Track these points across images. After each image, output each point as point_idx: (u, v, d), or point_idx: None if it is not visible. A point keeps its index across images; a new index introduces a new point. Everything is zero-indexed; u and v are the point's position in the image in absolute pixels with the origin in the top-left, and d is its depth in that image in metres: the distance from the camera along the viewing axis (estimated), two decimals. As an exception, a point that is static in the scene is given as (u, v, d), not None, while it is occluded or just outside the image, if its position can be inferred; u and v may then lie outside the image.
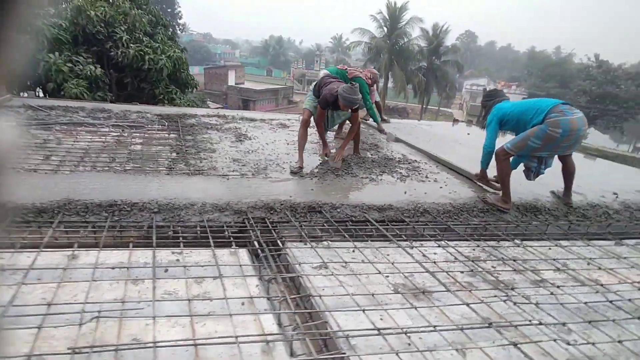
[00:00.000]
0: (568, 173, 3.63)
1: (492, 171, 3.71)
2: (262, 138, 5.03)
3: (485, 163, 3.68)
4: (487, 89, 4.74)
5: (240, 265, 2.24)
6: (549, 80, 42.81)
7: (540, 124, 3.25)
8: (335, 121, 4.59)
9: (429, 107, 33.45)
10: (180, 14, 38.76)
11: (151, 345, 1.60)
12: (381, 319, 1.92)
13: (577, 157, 4.02)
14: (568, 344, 1.83)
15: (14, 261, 2.09)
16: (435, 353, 1.74)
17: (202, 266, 2.21)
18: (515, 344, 1.80)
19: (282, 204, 2.99)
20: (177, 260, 2.26)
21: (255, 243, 2.48)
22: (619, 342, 1.89)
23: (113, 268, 2.12)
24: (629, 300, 2.27)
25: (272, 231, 2.67)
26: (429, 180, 3.88)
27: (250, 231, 2.63)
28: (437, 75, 31.52)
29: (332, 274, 2.24)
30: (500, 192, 3.51)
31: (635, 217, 3.56)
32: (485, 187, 3.83)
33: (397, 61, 27.82)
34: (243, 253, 2.41)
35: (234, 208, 2.87)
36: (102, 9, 7.91)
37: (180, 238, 2.47)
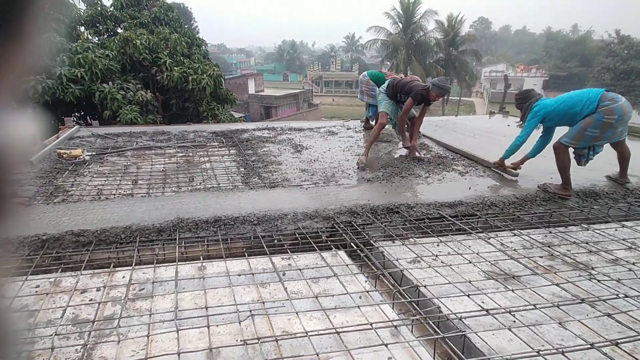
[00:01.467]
0: (624, 159, 3.79)
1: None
2: (317, 147, 5.36)
3: (509, 153, 3.99)
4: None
5: (347, 265, 2.56)
6: (570, 59, 41.66)
7: (594, 114, 3.44)
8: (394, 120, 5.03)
9: (450, 97, 33.17)
10: (197, 29, 39.88)
11: (304, 334, 1.92)
12: (482, 302, 2.19)
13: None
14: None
15: (158, 275, 2.47)
16: (540, 327, 1.99)
17: (313, 268, 2.53)
18: (608, 315, 2.04)
19: (363, 208, 3.29)
20: (290, 264, 2.60)
21: (353, 245, 2.79)
22: None
23: (239, 275, 2.47)
24: None
25: (362, 233, 2.98)
26: (487, 176, 4.10)
27: (344, 234, 2.94)
28: (456, 65, 31.24)
29: (429, 266, 2.53)
30: (556, 182, 3.71)
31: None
32: (503, 174, 4.12)
33: (415, 56, 27.78)
34: (343, 254, 2.73)
35: (322, 215, 3.19)
36: (145, 36, 8.47)
37: (285, 245, 2.81)
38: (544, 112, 3.71)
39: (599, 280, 2.38)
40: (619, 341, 1.85)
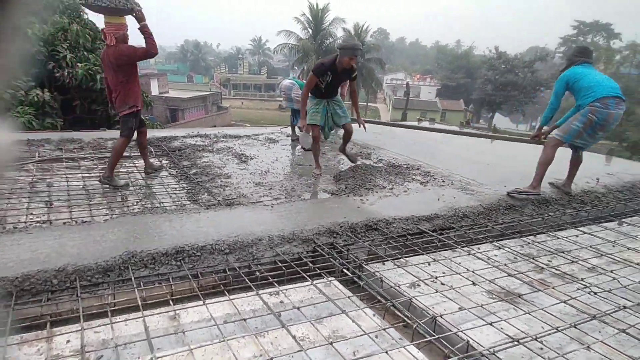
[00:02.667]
0: (576, 164, 4.08)
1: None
2: (263, 157, 4.90)
3: (545, 119, 4.00)
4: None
5: (348, 297, 2.23)
6: (457, 71, 47.20)
7: (584, 108, 3.62)
8: (335, 121, 4.35)
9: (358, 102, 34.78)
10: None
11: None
12: (502, 329, 2.06)
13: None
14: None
15: (118, 332, 1.84)
16: (568, 352, 1.93)
17: (312, 304, 2.15)
18: (623, 331, 2.08)
19: (341, 226, 2.99)
20: (282, 301, 2.17)
21: (346, 272, 2.47)
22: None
23: (226, 322, 1.97)
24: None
25: (349, 255, 2.68)
26: (447, 185, 4.15)
27: (331, 259, 2.61)
28: (363, 72, 32.96)
29: (435, 291, 2.34)
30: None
31: (617, 198, 4.20)
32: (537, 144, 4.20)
33: (326, 61, 28.46)
34: (337, 283, 2.39)
35: (301, 237, 2.80)
36: (37, 26, 6.89)
37: (270, 277, 2.36)
38: (567, 79, 3.74)
39: (595, 293, 2.44)
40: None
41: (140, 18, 3.61)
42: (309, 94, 4.17)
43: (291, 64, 33.74)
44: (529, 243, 3.08)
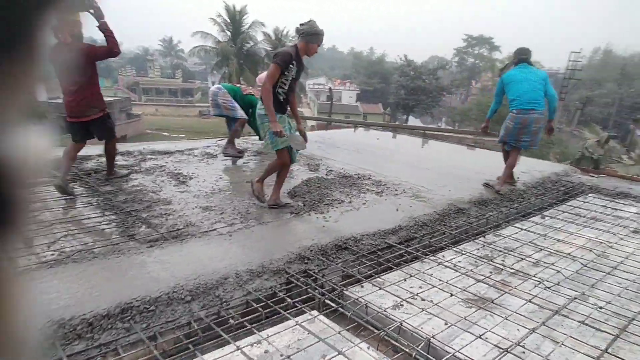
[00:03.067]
0: (506, 165, 4.62)
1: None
2: (204, 175, 4.47)
3: (490, 112, 4.86)
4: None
5: (339, 332, 2.05)
6: (374, 77, 49.75)
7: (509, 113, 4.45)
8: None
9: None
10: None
11: None
12: (488, 339, 2.07)
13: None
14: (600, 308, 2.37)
15: None
16: (550, 353, 2.00)
17: (304, 349, 1.93)
18: (582, 322, 2.23)
19: (311, 250, 2.80)
20: (267, 351, 1.92)
21: (330, 302, 2.29)
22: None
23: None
24: (593, 260, 3.02)
25: (325, 281, 2.50)
26: (400, 193, 4.19)
27: (309, 290, 2.40)
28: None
29: (421, 310, 2.28)
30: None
31: (535, 193, 4.63)
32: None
33: (247, 66, 27.81)
34: (323, 318, 2.20)
35: (271, 269, 2.55)
36: None
37: (246, 323, 2.07)
38: (502, 81, 4.50)
39: (548, 287, 2.62)
40: (608, 350, 2.02)
41: (99, 15, 3.43)
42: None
43: (210, 68, 32.25)
44: (483, 245, 3.22)
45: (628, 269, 2.93)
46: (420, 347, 1.97)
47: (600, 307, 2.41)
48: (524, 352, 1.99)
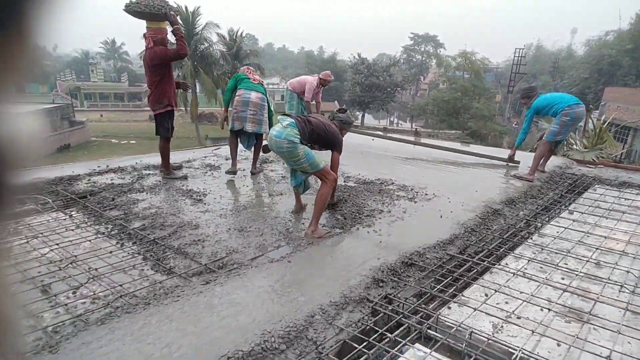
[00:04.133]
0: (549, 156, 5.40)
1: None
2: (217, 190, 4.02)
3: (519, 141, 5.50)
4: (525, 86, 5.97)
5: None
6: (327, 75, 49.90)
7: (558, 114, 4.95)
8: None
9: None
10: None
11: None
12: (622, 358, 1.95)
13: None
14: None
15: None
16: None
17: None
18: None
19: (382, 271, 2.54)
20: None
21: (432, 332, 2.05)
22: None
23: None
24: None
25: (412, 307, 2.25)
26: (432, 198, 4.03)
27: (403, 319, 2.14)
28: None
29: (531, 332, 2.10)
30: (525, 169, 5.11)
31: (549, 187, 4.71)
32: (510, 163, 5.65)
33: (202, 67, 26.68)
34: (435, 354, 1.94)
35: (353, 298, 2.25)
36: None
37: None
38: (536, 107, 5.04)
39: (632, 292, 2.55)
40: None
41: (173, 22, 3.97)
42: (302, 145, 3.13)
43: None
44: (537, 248, 3.13)
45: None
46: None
47: None
48: None
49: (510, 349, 1.95)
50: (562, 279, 2.69)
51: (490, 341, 2.02)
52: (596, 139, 8.79)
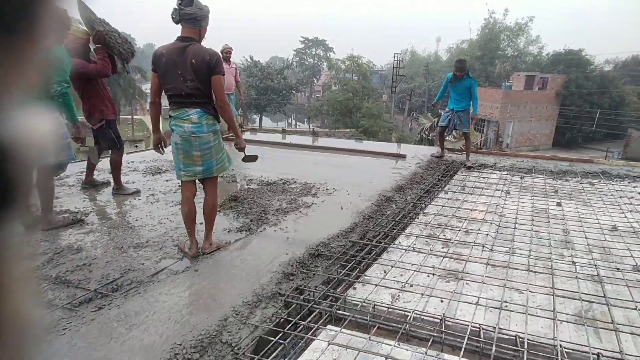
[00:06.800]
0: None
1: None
2: (102, 208, 3.65)
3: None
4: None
5: (369, 339, 2.02)
6: (220, 78, 48.44)
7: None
8: None
9: (120, 116, 30.41)
10: None
11: None
12: (488, 301, 2.38)
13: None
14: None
15: None
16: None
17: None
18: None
19: (291, 265, 2.65)
20: None
21: (340, 312, 2.22)
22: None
23: None
24: (495, 220, 3.74)
25: (322, 293, 2.41)
26: (333, 192, 4.29)
27: (315, 305, 2.27)
28: (122, 83, 29.28)
29: (421, 295, 2.43)
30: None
31: (429, 173, 5.42)
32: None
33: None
34: (345, 330, 2.11)
35: (265, 295, 2.31)
36: None
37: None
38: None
39: (490, 250, 3.12)
40: (554, 285, 2.56)
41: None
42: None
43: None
44: (423, 226, 3.60)
45: (521, 221, 3.74)
46: (436, 327, 2.12)
47: (529, 255, 3.02)
48: (506, 306, 2.35)
49: (405, 313, 2.23)
50: (442, 247, 3.16)
51: (389, 310, 2.28)
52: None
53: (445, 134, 6.30)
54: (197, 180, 2.77)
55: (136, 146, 15.81)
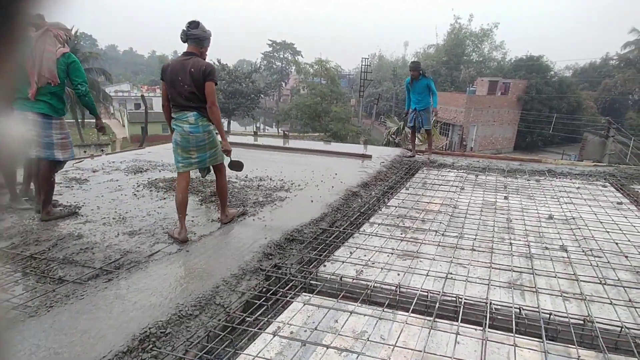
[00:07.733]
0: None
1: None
2: (93, 202, 3.88)
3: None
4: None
5: (338, 301, 2.45)
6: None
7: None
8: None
9: (86, 120, 29.40)
10: None
11: None
12: (437, 273, 2.88)
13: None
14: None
15: None
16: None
17: (323, 318, 2.26)
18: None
19: (269, 247, 3.04)
20: (292, 333, 2.17)
21: (313, 282, 2.64)
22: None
23: None
24: (448, 212, 4.31)
25: (297, 269, 2.82)
26: (304, 187, 4.71)
27: (292, 278, 2.68)
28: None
29: (380, 270, 2.89)
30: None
31: (393, 172, 5.97)
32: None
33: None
34: (316, 296, 2.54)
35: (249, 270, 2.68)
36: None
37: (260, 317, 2.24)
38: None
39: (442, 234, 3.66)
40: (493, 261, 3.12)
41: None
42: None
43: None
44: (385, 216, 4.09)
45: (471, 211, 4.32)
46: (392, 293, 2.59)
47: (475, 238, 3.57)
48: (451, 277, 2.86)
49: (367, 283, 2.69)
50: (401, 233, 3.65)
51: (354, 281, 2.73)
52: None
53: (416, 133, 6.98)
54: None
55: (102, 150, 15.53)
